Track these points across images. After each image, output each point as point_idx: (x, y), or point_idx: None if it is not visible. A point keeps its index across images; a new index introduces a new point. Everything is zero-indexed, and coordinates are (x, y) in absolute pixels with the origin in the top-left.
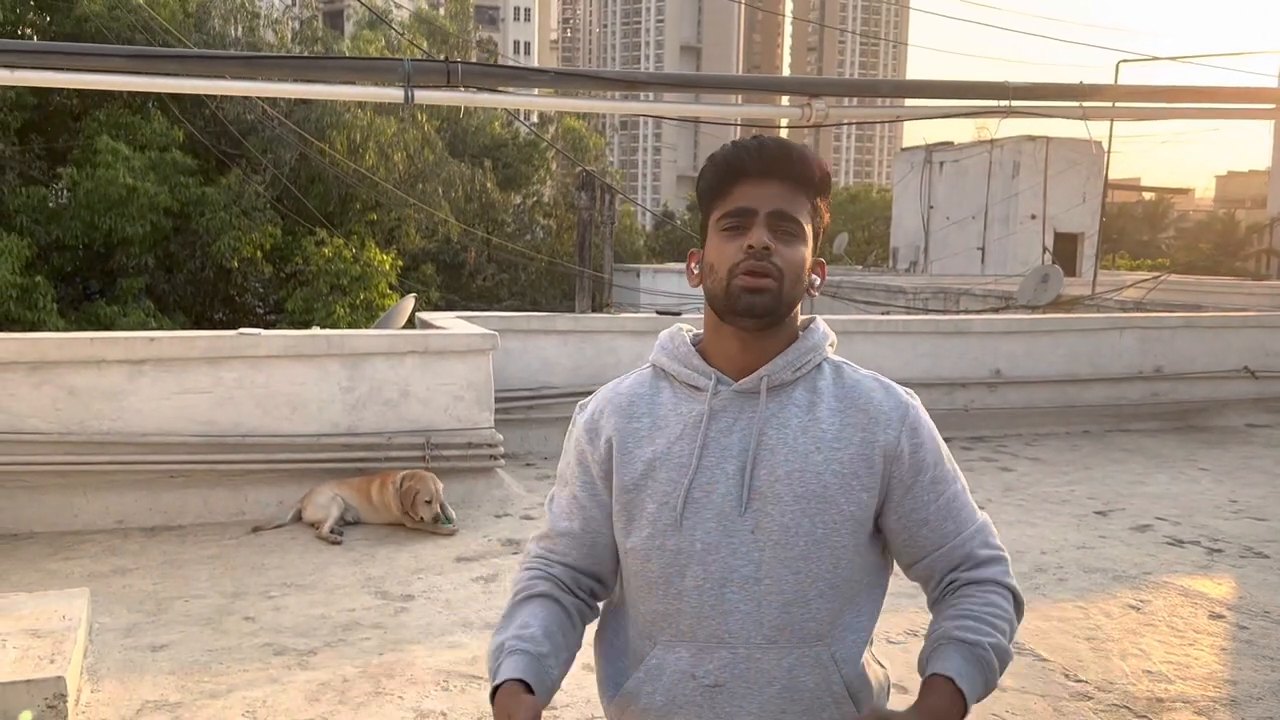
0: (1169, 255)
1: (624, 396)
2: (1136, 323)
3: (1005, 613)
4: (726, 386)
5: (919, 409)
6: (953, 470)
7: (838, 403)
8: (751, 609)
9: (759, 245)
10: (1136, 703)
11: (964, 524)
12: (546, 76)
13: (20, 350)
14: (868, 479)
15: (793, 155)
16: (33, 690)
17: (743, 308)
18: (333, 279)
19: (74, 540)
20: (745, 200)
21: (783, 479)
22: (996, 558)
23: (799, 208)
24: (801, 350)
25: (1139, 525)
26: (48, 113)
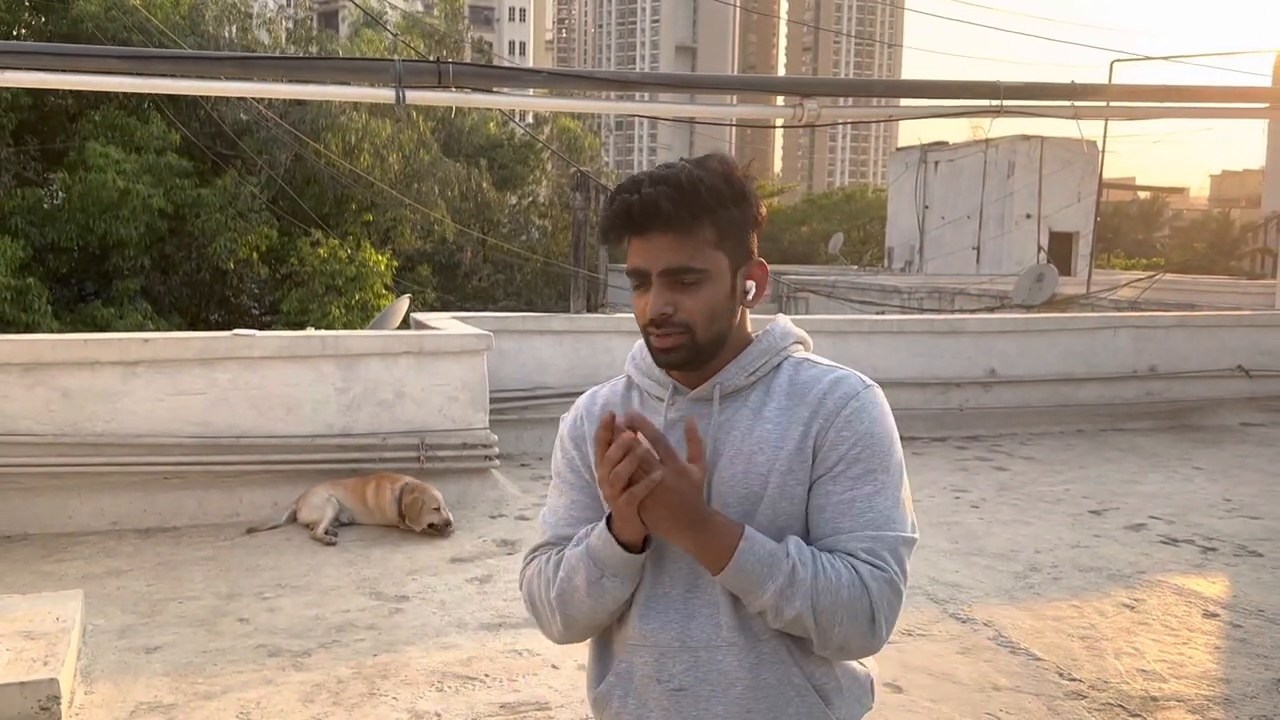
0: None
1: (599, 404)
2: (1131, 322)
3: (835, 583)
4: (683, 396)
5: (871, 402)
6: (881, 475)
7: (787, 400)
8: (711, 612)
9: (656, 315)
10: (1131, 701)
11: (861, 526)
12: (539, 77)
13: (14, 351)
14: (800, 472)
15: (665, 205)
16: (26, 692)
17: (662, 363)
18: (328, 280)
19: (68, 542)
20: (638, 259)
21: (727, 481)
22: (879, 567)
23: (694, 250)
24: (755, 354)
25: (1133, 524)
26: (43, 114)
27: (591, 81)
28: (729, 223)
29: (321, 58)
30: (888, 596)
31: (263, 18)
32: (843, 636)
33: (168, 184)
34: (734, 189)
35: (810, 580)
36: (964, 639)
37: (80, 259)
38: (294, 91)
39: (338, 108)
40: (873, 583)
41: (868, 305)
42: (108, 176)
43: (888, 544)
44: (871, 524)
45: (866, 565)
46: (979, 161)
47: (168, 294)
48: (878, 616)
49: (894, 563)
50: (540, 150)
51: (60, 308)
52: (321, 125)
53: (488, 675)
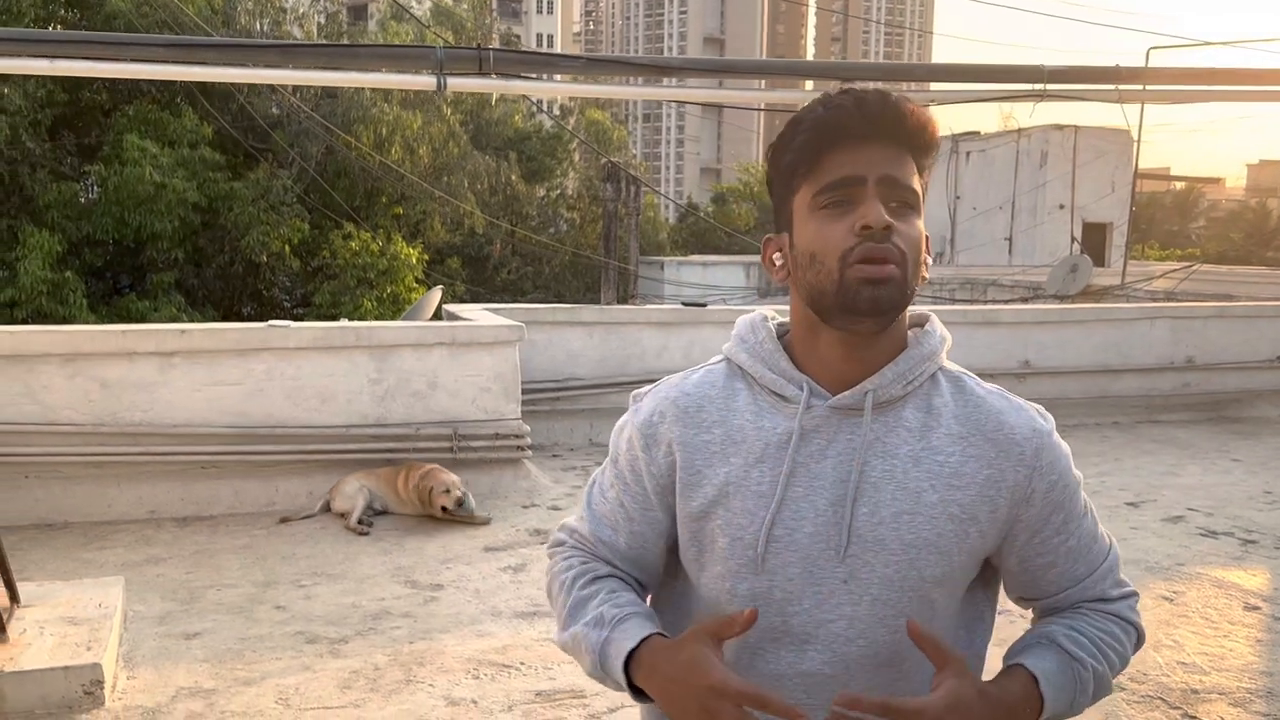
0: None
1: (690, 399)
2: (1168, 313)
3: (1120, 646)
4: (821, 400)
5: (1054, 436)
6: (1085, 503)
7: (959, 426)
8: (837, 672)
9: (878, 224)
10: (1171, 694)
11: (1095, 563)
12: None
13: (54, 343)
14: (987, 524)
15: (900, 109)
16: (70, 676)
17: (865, 305)
18: (359, 273)
19: (108, 530)
20: (848, 167)
21: (888, 522)
22: (1127, 595)
23: (909, 171)
24: (915, 359)
25: (1171, 516)
26: (79, 109)
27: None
28: (925, 170)
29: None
30: (1137, 608)
31: (295, 12)
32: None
33: (201, 177)
34: (936, 140)
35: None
36: (1000, 630)
37: (115, 252)
38: (336, 79)
39: (369, 100)
40: (1133, 615)
41: None
42: (143, 170)
43: (1117, 564)
44: (1099, 557)
45: (1121, 603)
46: (1011, 151)
47: (201, 287)
48: (1143, 633)
49: (1124, 577)
50: (568, 142)
51: (96, 300)
52: (353, 118)
53: (523, 663)
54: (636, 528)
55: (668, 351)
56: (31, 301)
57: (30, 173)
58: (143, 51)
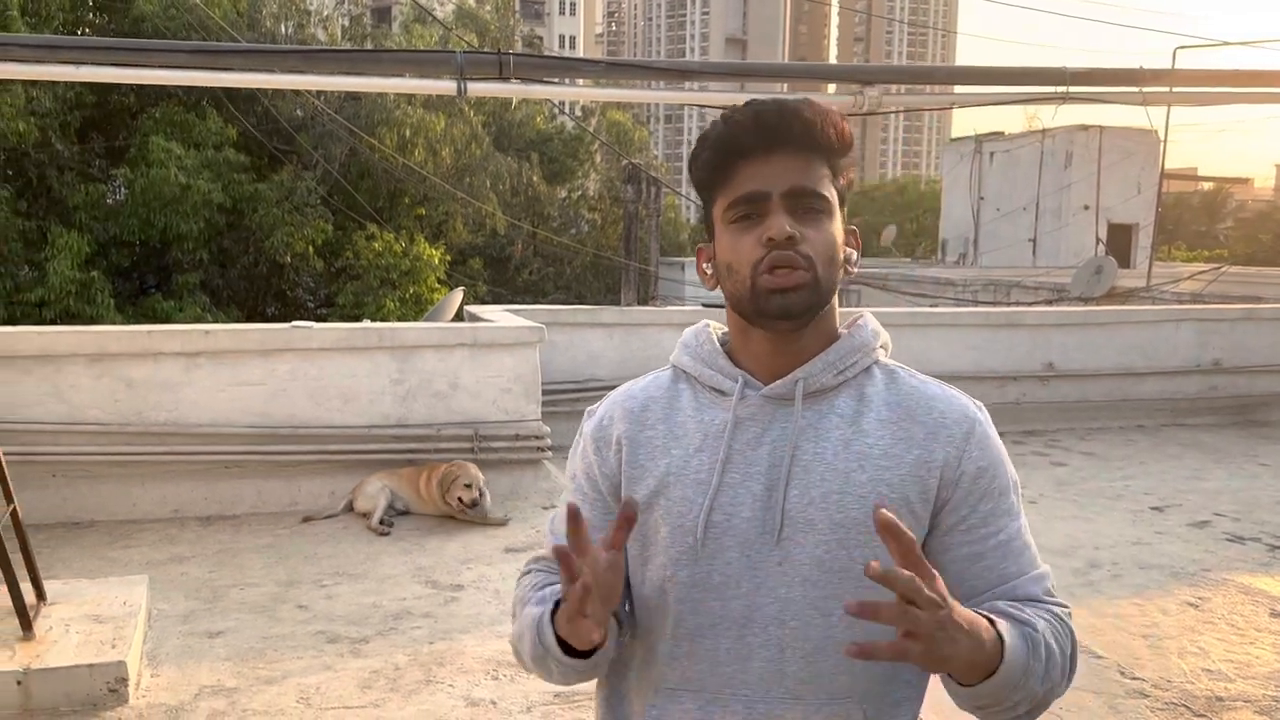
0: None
1: (636, 400)
2: (1194, 315)
3: (1063, 641)
4: (755, 391)
5: (987, 426)
6: (1017, 503)
7: (889, 412)
8: (773, 655)
9: (780, 235)
10: (1195, 701)
11: (1026, 566)
12: (597, 67)
13: (80, 343)
14: (919, 505)
15: (800, 117)
16: (95, 674)
17: (776, 310)
18: (383, 273)
19: (132, 529)
20: (753, 183)
21: (817, 502)
22: (1058, 603)
23: (818, 177)
24: (845, 350)
25: (1197, 521)
26: (107, 111)
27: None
28: (840, 170)
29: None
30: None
31: (319, 15)
32: (1057, 689)
33: (226, 179)
34: (848, 137)
35: (1053, 638)
36: None
37: (141, 253)
38: (358, 84)
39: (392, 102)
40: (1071, 623)
41: (921, 298)
42: (169, 172)
43: (1050, 579)
44: (1032, 562)
45: (1060, 608)
46: (1035, 152)
47: (226, 287)
48: (1077, 654)
49: (1059, 595)
50: (590, 143)
51: (122, 301)
52: (376, 120)
53: None
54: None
55: None
56: (60, 301)
57: (59, 175)
58: (167, 58)
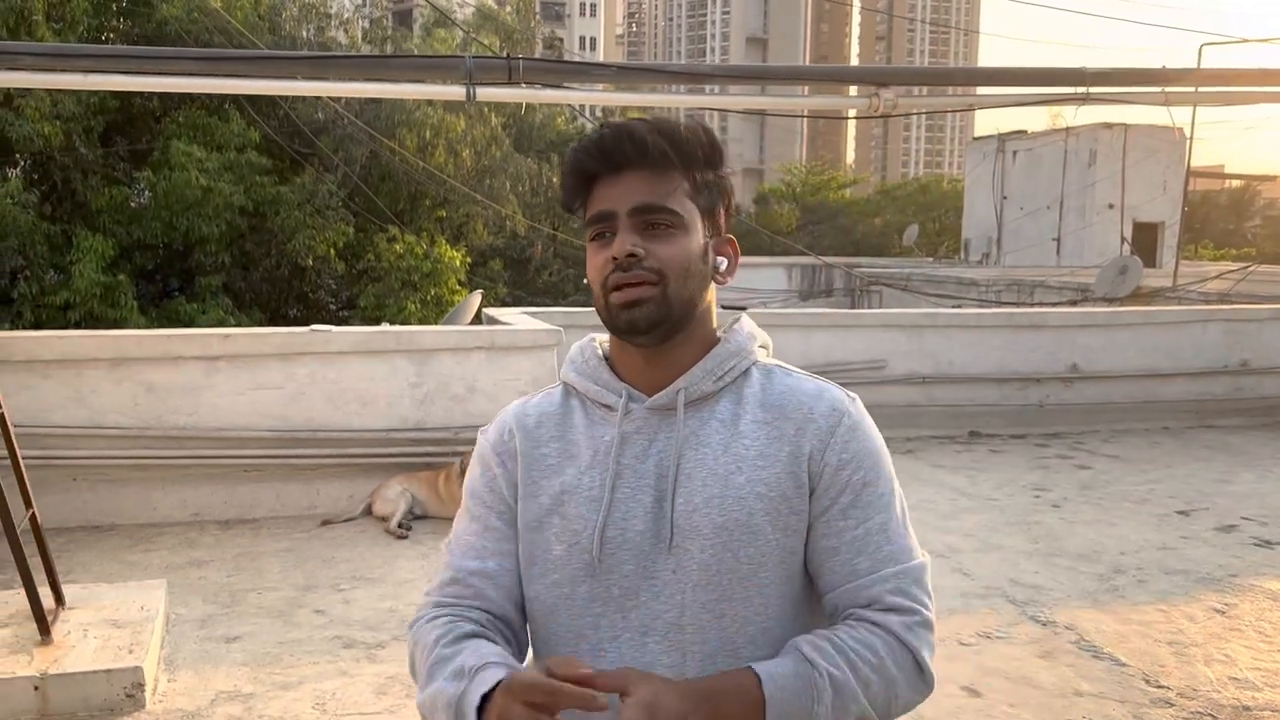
0: (1255, 245)
1: (531, 417)
2: (1221, 315)
3: (875, 660)
4: (639, 404)
5: (859, 416)
6: (888, 496)
7: (764, 412)
8: (675, 661)
9: (622, 254)
10: (1222, 710)
11: (881, 563)
12: (609, 71)
13: (101, 347)
14: (796, 500)
15: (643, 138)
16: (112, 679)
17: (624, 325)
18: (404, 275)
19: (152, 532)
20: (602, 203)
21: (700, 508)
22: (909, 609)
23: (668, 193)
24: (722, 355)
25: (1224, 525)
26: (130, 115)
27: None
28: (704, 182)
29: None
30: (927, 638)
31: (340, 18)
32: (902, 703)
33: (248, 181)
34: (711, 149)
35: (850, 676)
36: (1044, 642)
37: (164, 256)
38: (369, 90)
39: (413, 104)
40: (909, 635)
41: (944, 298)
42: (190, 175)
43: (913, 576)
44: (891, 558)
45: (896, 617)
46: (1059, 151)
47: (248, 290)
48: (924, 665)
49: (922, 596)
50: None
51: (145, 303)
52: (397, 121)
53: None
54: (507, 546)
55: None
56: (85, 304)
57: (83, 178)
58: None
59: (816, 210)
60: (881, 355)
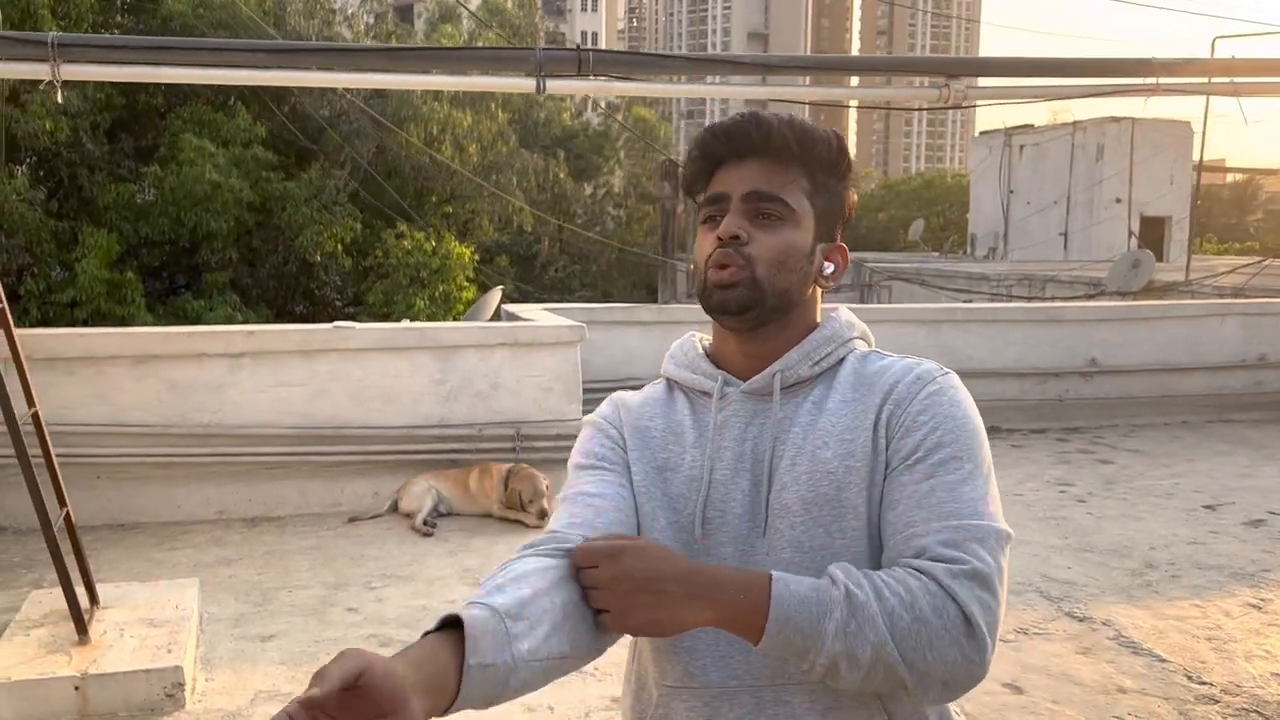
0: (1258, 238)
1: (636, 401)
2: (1239, 309)
3: (907, 596)
4: (735, 388)
5: (947, 385)
6: (968, 465)
7: (852, 391)
8: None
9: (726, 234)
10: (1267, 707)
11: (940, 517)
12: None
13: (123, 344)
14: (880, 471)
15: (771, 127)
16: (152, 679)
17: (715, 305)
18: (412, 272)
19: (177, 530)
20: (720, 185)
21: (789, 485)
22: (959, 559)
23: (785, 185)
24: (819, 340)
25: (1252, 520)
26: (135, 111)
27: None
28: (825, 186)
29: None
30: (977, 594)
31: (344, 13)
32: (942, 664)
33: (255, 177)
34: (840, 155)
35: (874, 601)
36: (1083, 638)
37: (170, 252)
38: (438, 82)
39: (419, 99)
40: (953, 582)
41: (957, 293)
42: (201, 170)
43: (971, 533)
44: (954, 514)
45: (941, 565)
46: (1065, 145)
47: (255, 286)
48: (974, 620)
49: (982, 552)
50: (615, 139)
51: (152, 300)
52: (404, 116)
53: (596, 668)
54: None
55: None
56: (91, 302)
57: (90, 174)
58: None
59: None
60: (901, 351)
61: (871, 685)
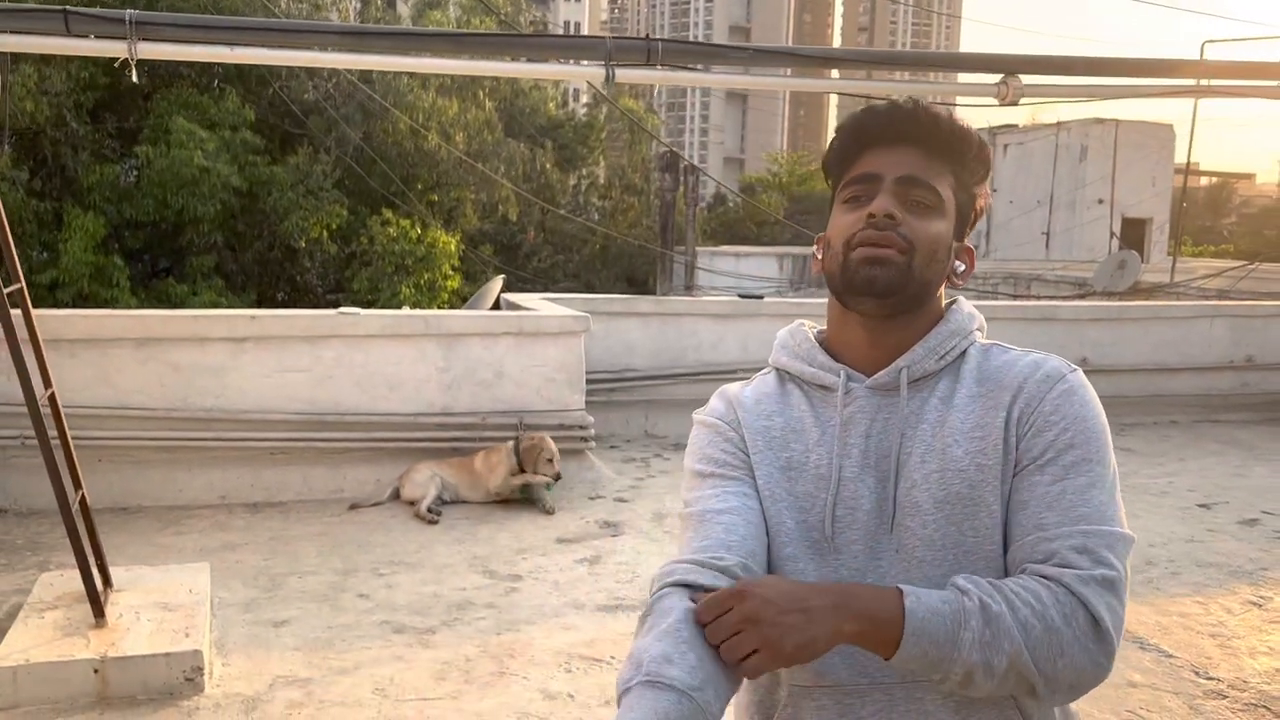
0: (1231, 241)
1: (751, 398)
2: (1228, 311)
3: (1038, 605)
4: (859, 383)
5: (1077, 383)
6: (1098, 468)
7: (979, 386)
8: None
9: (880, 212)
10: (1275, 703)
11: (1072, 521)
12: (745, 54)
13: (127, 326)
14: (1010, 467)
15: (931, 117)
16: (171, 663)
17: (861, 282)
18: (397, 259)
19: (181, 515)
20: (870, 166)
21: (920, 484)
22: (1088, 566)
23: (936, 175)
24: (945, 334)
25: (1246, 519)
26: (118, 91)
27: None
28: (966, 185)
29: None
30: (1106, 599)
31: None
32: (1072, 669)
33: (241, 161)
34: (984, 157)
35: (1009, 612)
36: None
37: (153, 235)
38: (505, 69)
39: (405, 86)
40: (1083, 588)
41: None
42: (191, 153)
43: (1101, 539)
44: (1085, 519)
45: (1070, 571)
46: (1049, 145)
47: (239, 271)
48: (1102, 624)
49: (1111, 557)
50: (600, 130)
51: (135, 283)
52: (390, 103)
53: (613, 657)
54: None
55: (724, 343)
56: (74, 283)
57: (74, 154)
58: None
59: (804, 200)
60: None
61: (1002, 691)
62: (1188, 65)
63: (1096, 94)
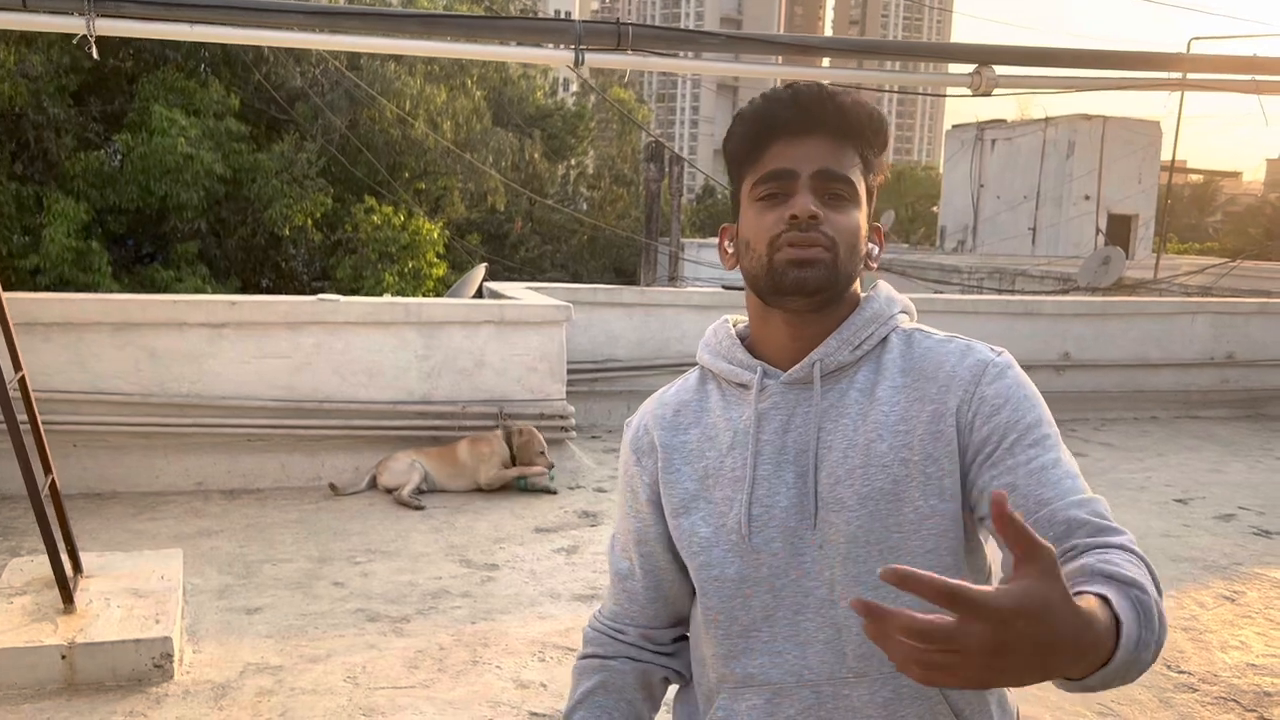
0: (1217, 239)
1: (668, 407)
2: (1210, 308)
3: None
4: (774, 379)
5: (1006, 366)
6: (1054, 439)
7: (903, 376)
8: (831, 637)
9: (803, 214)
10: (1244, 696)
11: (1066, 492)
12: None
13: (104, 311)
14: (945, 460)
15: (837, 102)
16: (141, 650)
17: (790, 285)
18: (381, 247)
19: (156, 501)
20: (783, 161)
21: (844, 479)
22: (1115, 529)
23: (848, 164)
24: (859, 323)
25: (1222, 514)
26: (102, 75)
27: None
28: (872, 168)
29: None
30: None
31: None
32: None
33: (226, 148)
34: (883, 131)
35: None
36: None
37: (136, 220)
38: (471, 51)
39: (393, 73)
40: (1136, 547)
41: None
42: (173, 141)
43: (1100, 505)
44: (1074, 490)
45: (1113, 533)
46: (1037, 140)
47: (223, 258)
48: (1155, 574)
49: (1112, 518)
50: (589, 120)
51: (118, 269)
52: (377, 91)
53: None
54: (646, 548)
55: None
56: (55, 269)
57: (56, 137)
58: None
59: None
60: None
61: None
62: (1170, 59)
63: (1074, 85)
